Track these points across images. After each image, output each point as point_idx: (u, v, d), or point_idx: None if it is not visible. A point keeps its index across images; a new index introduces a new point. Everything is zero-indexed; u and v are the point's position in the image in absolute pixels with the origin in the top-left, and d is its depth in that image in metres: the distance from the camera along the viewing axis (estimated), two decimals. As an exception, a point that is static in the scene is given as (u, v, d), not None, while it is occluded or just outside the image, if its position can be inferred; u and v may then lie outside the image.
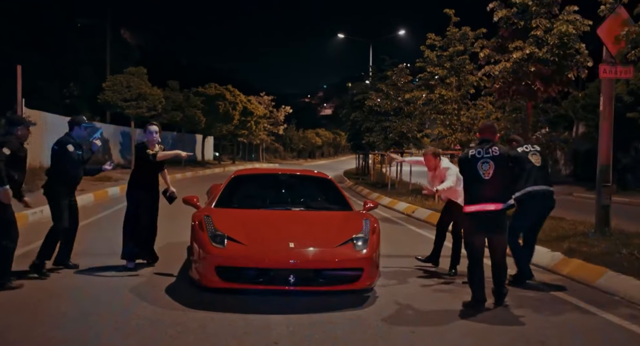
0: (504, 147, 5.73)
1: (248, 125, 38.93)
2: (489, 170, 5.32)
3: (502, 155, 5.41)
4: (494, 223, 5.38)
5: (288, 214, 6.34)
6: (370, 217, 6.25)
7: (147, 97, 22.76)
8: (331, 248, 5.52)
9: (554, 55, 10.03)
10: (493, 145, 5.45)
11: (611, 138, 8.44)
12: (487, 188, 5.32)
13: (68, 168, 6.27)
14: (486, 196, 5.31)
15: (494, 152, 5.39)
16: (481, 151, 5.40)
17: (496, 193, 5.32)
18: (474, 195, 5.37)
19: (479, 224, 5.38)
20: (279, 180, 7.26)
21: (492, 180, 5.32)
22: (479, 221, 5.36)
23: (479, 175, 5.35)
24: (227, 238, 5.47)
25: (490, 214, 5.32)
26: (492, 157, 5.36)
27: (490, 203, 5.30)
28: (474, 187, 5.38)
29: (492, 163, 5.33)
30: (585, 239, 8.06)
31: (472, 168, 5.40)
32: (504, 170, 5.40)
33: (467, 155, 5.51)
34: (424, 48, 15.27)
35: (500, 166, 5.35)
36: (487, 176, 5.32)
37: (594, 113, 24.58)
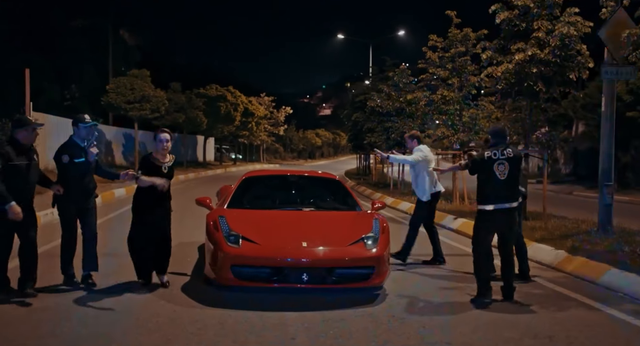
0: (517, 149, 6.05)
1: (249, 126, 39.16)
2: (505, 170, 5.67)
3: (516, 156, 5.75)
4: (507, 221, 5.72)
5: (299, 214, 6.50)
6: (380, 216, 6.41)
7: (150, 99, 22.93)
8: (343, 247, 5.68)
9: (555, 57, 10.18)
10: (507, 147, 5.78)
11: (613, 138, 8.60)
12: (503, 188, 5.66)
13: (69, 181, 5.66)
14: (502, 195, 5.66)
15: (509, 153, 5.71)
16: (497, 153, 5.71)
17: (511, 192, 5.70)
18: (491, 194, 5.68)
19: (494, 222, 5.70)
20: (288, 181, 7.43)
21: (507, 181, 5.67)
22: (494, 219, 5.69)
23: (495, 176, 5.66)
24: (241, 238, 5.63)
25: (506, 212, 5.68)
26: (507, 159, 5.69)
27: (506, 202, 5.65)
28: (490, 187, 5.68)
29: (507, 164, 5.68)
30: (588, 237, 8.23)
31: (489, 169, 5.69)
32: (517, 170, 5.76)
33: (484, 156, 5.76)
34: (425, 49, 15.41)
35: (514, 167, 5.71)
36: (502, 177, 5.66)
37: (594, 112, 24.79)
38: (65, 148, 5.74)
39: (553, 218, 11.04)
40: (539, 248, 8.00)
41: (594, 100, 24.38)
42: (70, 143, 5.80)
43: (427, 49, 15.42)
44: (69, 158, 5.65)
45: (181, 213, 11.07)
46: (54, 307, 5.14)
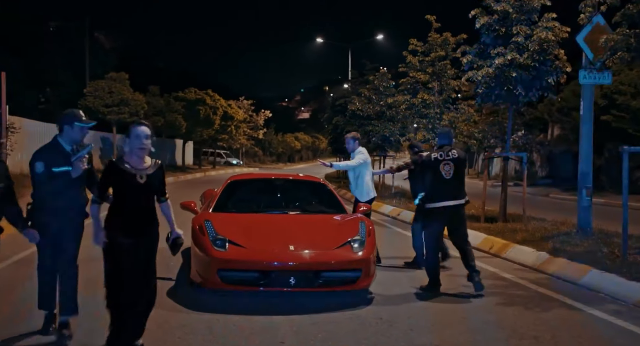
0: (461, 151, 6.45)
1: (228, 129, 38.92)
2: (450, 170, 6.14)
3: (460, 157, 6.22)
4: (455, 217, 6.20)
5: (286, 218, 6.50)
6: (366, 219, 6.44)
7: (129, 102, 22.69)
8: (329, 251, 5.69)
9: (534, 61, 10.36)
10: (452, 148, 6.24)
11: (591, 141, 8.78)
12: (449, 187, 6.14)
13: (42, 193, 4.30)
14: (448, 193, 6.13)
15: (454, 155, 6.20)
16: (442, 154, 6.17)
17: (457, 190, 6.18)
18: (438, 193, 6.15)
19: (443, 218, 6.16)
20: (274, 185, 7.43)
21: (453, 180, 6.15)
22: (442, 215, 6.14)
23: (442, 175, 6.13)
24: (228, 242, 5.61)
25: (453, 209, 6.15)
26: (452, 159, 6.17)
27: (452, 200, 6.12)
28: (438, 185, 6.16)
29: (452, 164, 6.15)
30: (568, 239, 8.37)
31: (436, 169, 6.16)
32: (461, 170, 6.23)
33: (431, 158, 6.22)
34: (406, 53, 15.57)
35: (459, 167, 6.19)
36: (448, 176, 6.14)
37: (569, 116, 25.26)
38: (43, 153, 4.35)
39: (533, 220, 11.19)
40: (520, 250, 8.11)
41: (570, 104, 24.85)
42: (52, 145, 4.41)
43: (407, 53, 15.58)
44: (45, 166, 4.25)
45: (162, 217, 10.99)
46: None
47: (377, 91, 20.26)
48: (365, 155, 7.89)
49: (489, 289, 6.34)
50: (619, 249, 7.45)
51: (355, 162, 7.75)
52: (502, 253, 8.38)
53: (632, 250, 7.32)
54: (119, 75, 23.15)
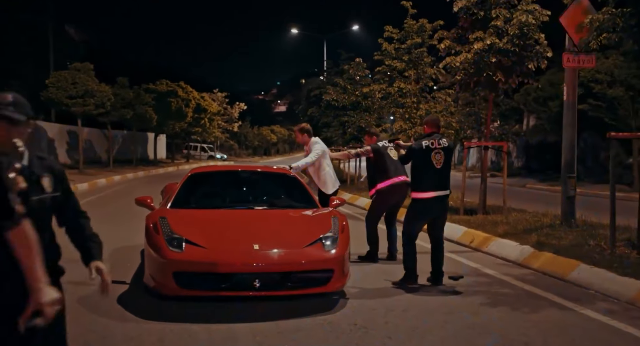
0: (449, 140, 6.39)
1: (202, 122, 38.04)
2: (441, 159, 5.85)
3: (450, 146, 5.96)
4: (443, 207, 5.98)
5: (251, 214, 5.93)
6: (338, 214, 5.92)
7: (94, 93, 21.71)
8: (299, 249, 5.16)
9: (514, 46, 9.93)
10: (442, 137, 5.97)
11: (575, 129, 8.39)
12: (438, 177, 5.86)
13: None
14: (439, 183, 5.85)
15: (444, 143, 5.91)
16: (434, 142, 5.86)
17: (445, 180, 5.92)
18: (428, 182, 5.82)
19: (430, 209, 5.89)
20: (239, 178, 6.84)
21: (443, 169, 5.87)
22: (429, 206, 5.86)
23: (433, 165, 5.82)
24: (185, 242, 5.03)
25: (442, 199, 5.90)
26: (443, 148, 5.87)
27: (442, 190, 5.86)
28: (428, 175, 5.83)
29: (442, 153, 5.85)
30: (552, 231, 7.97)
31: (426, 158, 5.83)
32: (450, 160, 5.95)
33: (422, 146, 5.88)
34: (381, 41, 15.04)
35: (448, 157, 5.92)
36: (439, 165, 5.84)
37: (545, 105, 25.15)
38: None
39: (513, 211, 10.82)
40: (503, 244, 7.69)
41: (546, 93, 24.70)
42: None
43: (382, 40, 15.06)
44: None
45: (123, 214, 10.33)
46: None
47: (352, 81, 19.73)
48: (321, 145, 7.48)
49: (472, 287, 5.89)
50: (606, 242, 7.08)
51: (314, 155, 7.27)
52: (484, 247, 7.95)
53: (619, 242, 6.94)
54: (83, 65, 22.10)
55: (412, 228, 6.02)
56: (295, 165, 7.29)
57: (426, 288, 5.86)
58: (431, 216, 5.98)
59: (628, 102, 19.74)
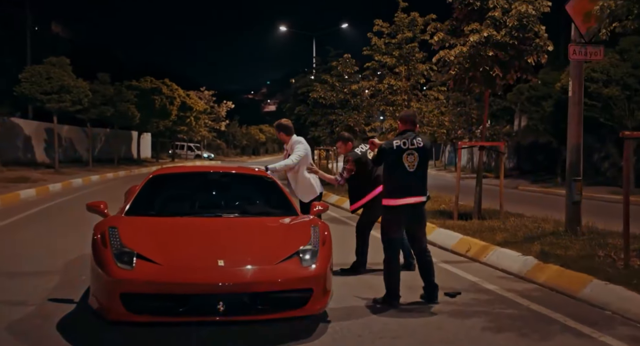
0: (426, 139, 5.42)
1: (187, 120, 37.19)
2: (414, 161, 5.16)
3: (425, 146, 5.22)
4: (417, 215, 5.27)
5: (218, 222, 5.14)
6: (319, 222, 5.16)
7: (70, 89, 20.75)
8: (272, 265, 4.39)
9: (513, 38, 9.24)
10: (417, 136, 5.26)
11: (581, 127, 7.70)
12: (412, 181, 5.17)
13: None
14: (411, 189, 5.17)
15: (418, 143, 5.19)
16: (406, 142, 5.17)
17: (420, 185, 5.22)
18: (399, 187, 5.17)
19: (403, 217, 5.20)
20: (208, 181, 6.01)
21: (416, 173, 5.17)
22: (402, 214, 5.18)
23: (404, 168, 5.14)
24: (136, 257, 4.25)
25: (414, 207, 5.19)
26: (417, 149, 5.17)
27: (415, 196, 5.17)
28: (399, 179, 5.17)
29: (417, 154, 5.16)
30: (556, 239, 7.26)
31: (397, 160, 5.15)
32: (426, 162, 5.25)
33: (392, 145, 5.19)
34: (370, 35, 14.32)
35: (424, 158, 5.21)
36: (412, 168, 5.15)
37: (538, 105, 24.53)
38: None
39: (510, 216, 10.14)
40: (503, 254, 6.97)
41: (539, 92, 24.10)
42: None
43: (372, 35, 14.33)
44: None
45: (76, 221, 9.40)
46: None
47: (340, 78, 18.98)
48: (304, 144, 6.73)
49: (471, 307, 5.16)
50: (617, 252, 6.39)
51: (295, 157, 6.52)
52: (482, 257, 7.23)
53: (632, 253, 6.24)
54: (59, 60, 21.10)
55: (390, 242, 5.26)
56: (273, 166, 6.53)
57: (420, 308, 5.12)
58: (404, 225, 5.28)
59: (624, 101, 19.15)
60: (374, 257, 6.80)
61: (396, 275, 5.22)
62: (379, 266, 6.52)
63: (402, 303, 5.19)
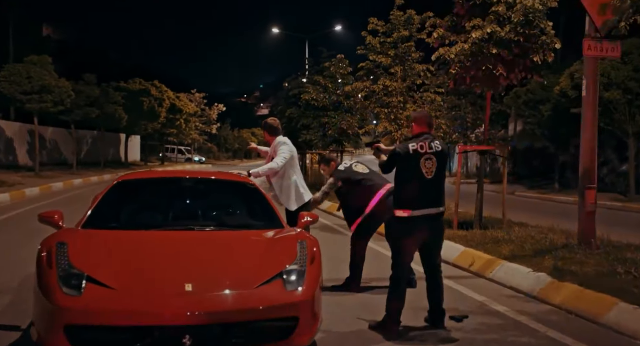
0: (443, 143, 4.84)
1: (177, 123, 36.41)
2: (432, 168, 4.53)
3: (444, 151, 4.62)
4: (435, 228, 4.65)
5: (190, 237, 4.42)
6: (307, 237, 4.47)
7: (52, 89, 19.94)
8: (250, 290, 3.70)
9: (518, 35, 8.61)
10: (434, 139, 4.64)
11: (596, 129, 7.05)
12: (430, 189, 4.54)
13: None
14: (429, 198, 4.54)
15: (437, 147, 4.57)
16: (424, 145, 4.55)
17: (438, 194, 4.60)
18: (415, 197, 4.51)
19: (418, 230, 4.55)
20: (181, 188, 5.28)
21: (435, 180, 4.55)
22: (418, 227, 4.53)
23: (422, 174, 4.50)
24: (86, 280, 3.55)
25: (433, 218, 4.57)
26: (435, 153, 4.55)
27: (433, 207, 4.55)
28: (415, 187, 4.52)
29: (434, 160, 4.54)
30: (569, 253, 6.60)
31: (415, 165, 4.51)
32: (443, 169, 4.62)
33: (408, 149, 4.54)
34: (365, 33, 13.68)
35: (441, 164, 4.59)
36: (429, 175, 4.52)
37: (536, 109, 23.98)
38: None
39: (513, 225, 9.50)
40: (511, 269, 6.31)
41: (537, 96, 23.54)
42: None
43: (366, 33, 13.69)
44: None
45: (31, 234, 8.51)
46: None
47: (333, 79, 18.33)
48: (289, 146, 6.08)
49: (481, 333, 4.51)
50: (637, 269, 5.74)
51: (280, 160, 5.87)
52: (487, 272, 6.57)
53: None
54: (40, 58, 20.28)
55: (401, 259, 4.62)
56: (255, 171, 5.84)
57: (423, 336, 4.45)
58: (420, 241, 4.62)
59: (625, 106, 18.59)
60: (370, 270, 6.15)
61: (401, 300, 4.56)
62: (377, 283, 5.91)
63: (403, 328, 4.53)
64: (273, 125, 6.18)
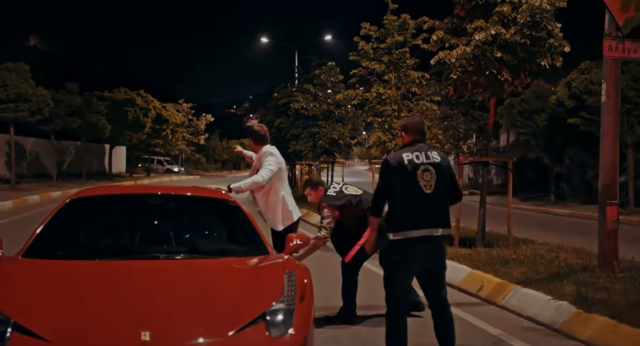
0: (443, 154, 4.07)
1: (163, 133, 35.56)
2: (431, 181, 3.84)
3: (443, 163, 3.91)
4: (436, 253, 3.90)
5: (154, 269, 3.61)
6: (296, 266, 3.71)
7: (29, 98, 19.10)
8: (224, 338, 2.94)
9: (524, 37, 7.98)
10: (430, 148, 3.99)
11: (617, 140, 6.40)
12: (430, 206, 3.83)
13: None
14: (429, 217, 3.82)
15: (434, 157, 3.90)
16: (419, 155, 3.87)
17: (441, 212, 3.88)
18: (411, 215, 3.81)
19: (416, 255, 3.83)
20: (147, 207, 4.46)
21: (435, 195, 3.84)
22: (415, 251, 3.82)
23: (420, 188, 3.81)
24: (12, 327, 2.78)
25: (433, 240, 3.83)
26: (433, 164, 3.87)
27: (435, 228, 3.82)
28: (411, 204, 3.83)
29: (433, 172, 3.85)
30: (591, 277, 5.88)
31: (411, 178, 3.82)
32: (445, 182, 3.90)
33: (402, 159, 3.86)
34: (357, 39, 13.04)
35: (442, 177, 3.88)
36: (428, 189, 3.82)
37: (531, 119, 23.49)
38: None
39: (517, 241, 8.83)
40: (527, 296, 5.59)
41: (532, 106, 23.05)
42: None
43: (359, 39, 13.05)
44: None
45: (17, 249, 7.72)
46: None
47: (324, 88, 17.67)
48: (277, 157, 5.36)
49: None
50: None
51: (266, 172, 5.14)
52: (499, 298, 5.85)
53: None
54: (16, 65, 19.43)
55: (398, 291, 3.92)
56: (237, 185, 5.09)
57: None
58: (419, 268, 3.90)
59: (623, 116, 18.07)
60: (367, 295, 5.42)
61: (402, 340, 3.86)
62: (376, 310, 5.17)
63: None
64: (259, 132, 5.45)
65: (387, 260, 3.99)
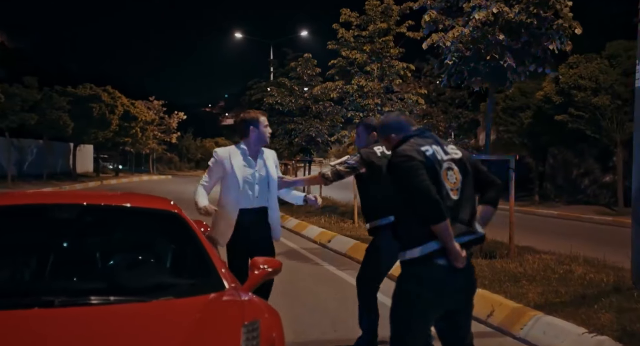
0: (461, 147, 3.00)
1: (132, 131, 33.94)
2: (457, 183, 2.78)
3: (464, 159, 2.85)
4: (465, 283, 2.81)
5: (55, 323, 2.38)
6: (261, 310, 2.54)
7: (-25, 92, 17.60)
8: None
9: (530, 17, 6.95)
10: (442, 141, 2.90)
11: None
12: (458, 216, 2.71)
13: None
14: (458, 230, 2.68)
15: (455, 153, 2.85)
16: (439, 149, 2.80)
17: (469, 223, 2.76)
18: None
19: (438, 288, 2.70)
20: (55, 225, 3.17)
21: (460, 202, 2.75)
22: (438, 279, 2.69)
23: (447, 194, 2.71)
24: None
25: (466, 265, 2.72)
26: (455, 160, 2.82)
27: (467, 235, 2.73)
28: None
29: (456, 170, 2.80)
30: (627, 301, 4.84)
31: (435, 180, 2.70)
32: (470, 184, 2.83)
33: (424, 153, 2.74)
34: (336, 26, 11.92)
35: (468, 178, 2.83)
36: (455, 195, 2.75)
37: (515, 117, 22.68)
38: None
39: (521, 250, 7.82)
40: (552, 327, 4.51)
41: (516, 103, 22.23)
42: None
43: (338, 26, 11.93)
44: None
45: None
46: None
47: (300, 81, 16.50)
48: (213, 157, 4.37)
49: None
50: None
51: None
52: (516, 327, 4.76)
53: None
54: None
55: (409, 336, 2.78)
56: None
57: None
58: (443, 307, 2.76)
59: (613, 112, 17.31)
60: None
61: None
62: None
63: None
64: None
65: (396, 292, 2.83)
